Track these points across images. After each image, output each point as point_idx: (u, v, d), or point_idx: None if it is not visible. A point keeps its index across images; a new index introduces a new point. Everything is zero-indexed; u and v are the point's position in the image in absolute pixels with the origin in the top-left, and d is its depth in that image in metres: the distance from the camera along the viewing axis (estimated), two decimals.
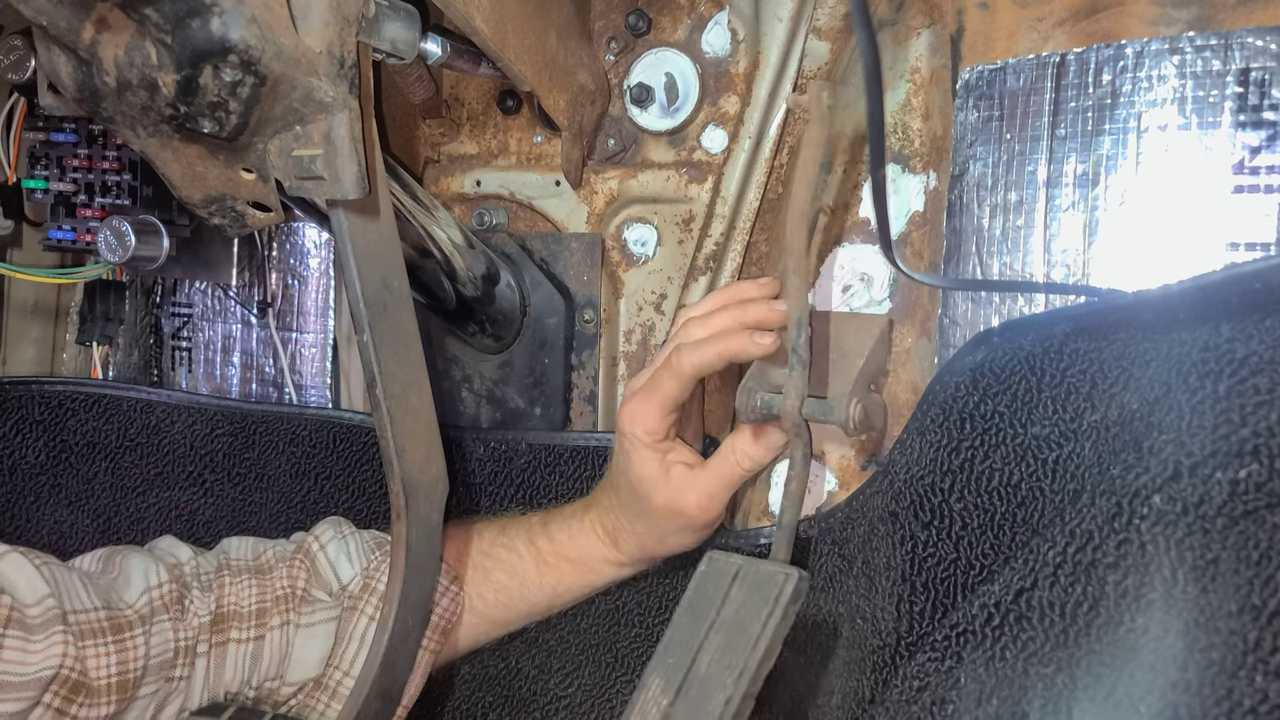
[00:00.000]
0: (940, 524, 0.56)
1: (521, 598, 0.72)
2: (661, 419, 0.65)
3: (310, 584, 0.70)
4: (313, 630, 0.69)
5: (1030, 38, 0.63)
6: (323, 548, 0.71)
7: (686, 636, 0.55)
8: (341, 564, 0.71)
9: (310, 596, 0.69)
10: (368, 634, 0.68)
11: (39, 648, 0.57)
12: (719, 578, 0.57)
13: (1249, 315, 0.45)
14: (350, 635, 0.68)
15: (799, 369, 0.60)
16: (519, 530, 0.72)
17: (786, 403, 0.60)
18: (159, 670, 0.63)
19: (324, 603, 0.70)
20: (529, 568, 0.71)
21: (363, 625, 0.68)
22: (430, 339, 0.85)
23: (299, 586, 0.70)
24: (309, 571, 0.70)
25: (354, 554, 0.71)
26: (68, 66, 0.48)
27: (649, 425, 0.65)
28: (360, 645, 0.68)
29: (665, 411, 0.65)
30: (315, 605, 0.69)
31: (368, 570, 0.70)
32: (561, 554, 0.70)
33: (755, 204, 0.79)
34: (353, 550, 0.71)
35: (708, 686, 0.53)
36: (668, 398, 0.64)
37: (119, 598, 0.63)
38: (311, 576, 0.70)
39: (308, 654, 0.69)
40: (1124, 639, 0.44)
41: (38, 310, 1.02)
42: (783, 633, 0.54)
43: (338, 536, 0.72)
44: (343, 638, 0.69)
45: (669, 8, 0.80)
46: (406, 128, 0.88)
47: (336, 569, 0.70)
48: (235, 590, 0.68)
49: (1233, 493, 0.42)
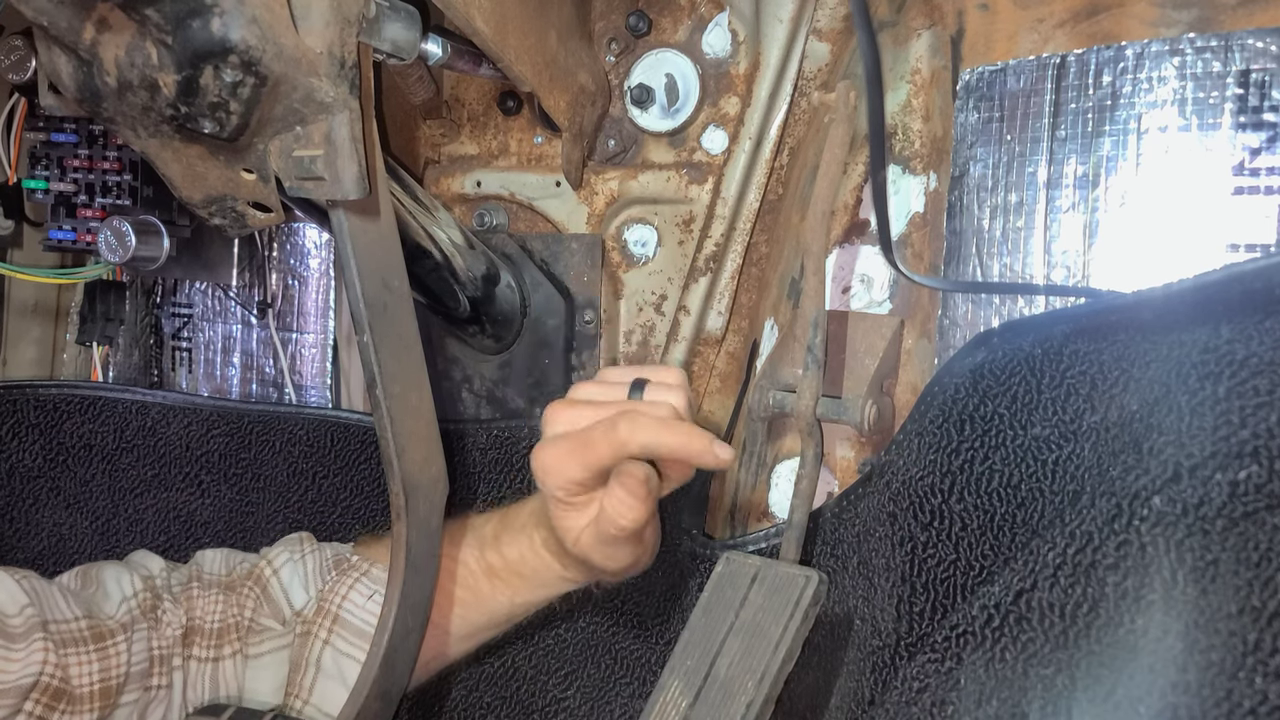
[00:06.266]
0: (940, 525, 0.56)
1: (478, 610, 0.69)
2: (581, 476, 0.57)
3: (258, 613, 0.68)
4: (261, 661, 0.67)
5: (1030, 39, 0.63)
6: (275, 572, 0.69)
7: (705, 638, 0.55)
8: (295, 589, 0.68)
9: (259, 626, 0.67)
10: (324, 659, 0.66)
11: (20, 656, 0.57)
12: (737, 579, 0.57)
13: (1249, 316, 0.45)
14: (307, 662, 0.66)
15: (814, 368, 0.60)
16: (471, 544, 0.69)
17: (801, 402, 0.60)
18: (139, 679, 0.63)
19: (273, 631, 0.67)
20: (481, 583, 0.68)
21: (318, 650, 0.66)
22: (430, 339, 0.85)
23: (246, 615, 0.68)
24: (257, 600, 0.68)
25: (309, 576, 0.69)
26: (68, 67, 0.48)
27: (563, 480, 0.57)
28: (318, 671, 0.66)
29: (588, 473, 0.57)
30: (264, 635, 0.67)
31: (322, 593, 0.68)
32: (513, 570, 0.67)
33: (755, 205, 0.79)
34: (309, 572, 0.69)
35: (728, 689, 0.53)
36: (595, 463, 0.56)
37: (99, 608, 0.63)
38: (260, 605, 0.68)
39: (260, 685, 0.67)
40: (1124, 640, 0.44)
41: (38, 310, 1.02)
42: (803, 636, 0.54)
43: (292, 559, 0.69)
44: (299, 664, 0.66)
45: (669, 9, 0.80)
46: (407, 128, 0.88)
47: (289, 594, 0.68)
48: (203, 604, 0.67)
49: (1232, 494, 0.42)
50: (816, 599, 0.54)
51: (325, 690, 0.66)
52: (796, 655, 0.53)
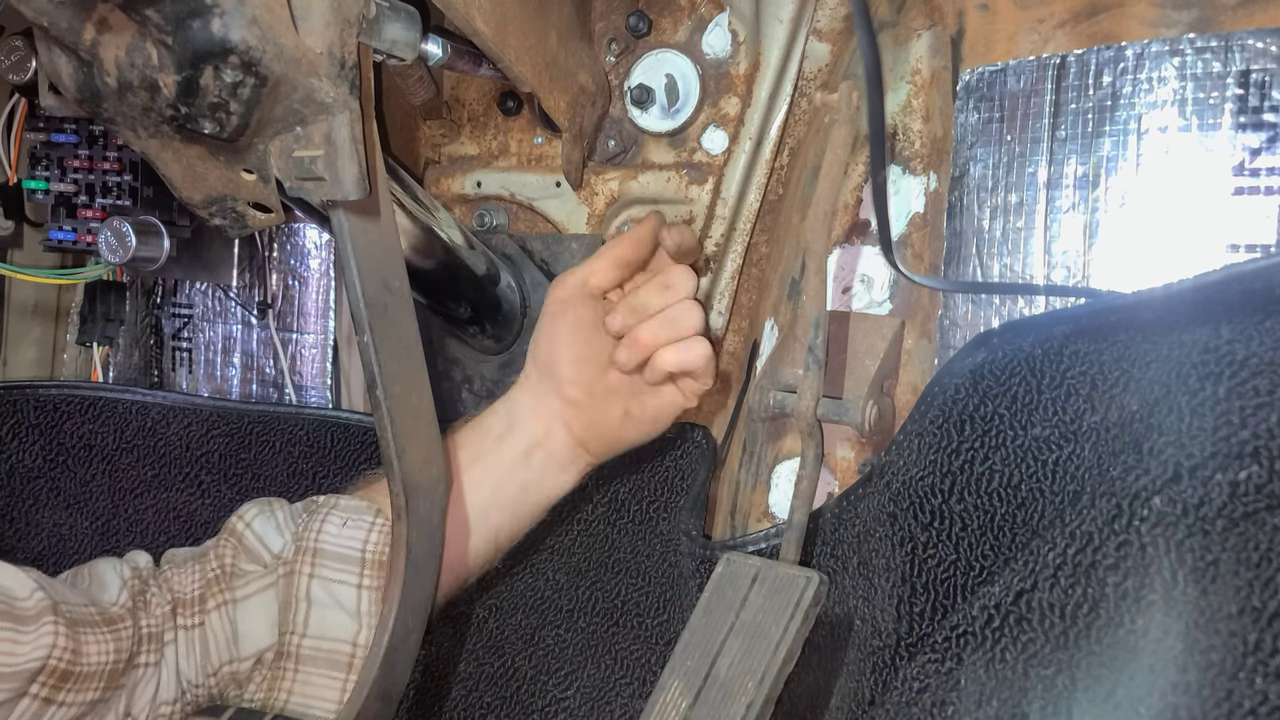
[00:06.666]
0: (940, 525, 0.56)
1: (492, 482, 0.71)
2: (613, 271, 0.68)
3: (238, 559, 0.68)
4: (249, 602, 0.67)
5: (1031, 39, 0.63)
6: (248, 525, 0.69)
7: (705, 639, 0.55)
8: (270, 536, 0.69)
9: (240, 570, 0.68)
10: (313, 591, 0.66)
11: (29, 639, 0.57)
12: (737, 580, 0.57)
13: (1249, 316, 0.45)
14: (296, 598, 0.66)
15: (815, 369, 0.60)
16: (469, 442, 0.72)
17: (801, 403, 0.60)
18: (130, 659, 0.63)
19: (255, 572, 0.68)
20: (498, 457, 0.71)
21: (305, 585, 0.66)
22: (430, 339, 0.85)
23: (226, 564, 0.68)
24: (235, 549, 0.69)
25: (282, 524, 0.69)
26: (69, 67, 0.48)
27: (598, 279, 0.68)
28: (309, 604, 0.66)
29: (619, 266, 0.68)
30: (247, 578, 0.68)
31: (297, 534, 0.68)
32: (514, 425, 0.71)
33: (755, 205, 0.79)
34: (281, 521, 0.70)
35: (729, 690, 0.53)
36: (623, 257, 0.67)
37: (99, 597, 0.64)
38: (238, 553, 0.68)
39: (252, 626, 0.67)
40: (1124, 640, 0.44)
41: (38, 311, 1.02)
42: (803, 637, 0.54)
43: (264, 513, 0.70)
44: (288, 601, 0.66)
45: (670, 9, 0.80)
46: (407, 129, 0.88)
47: (265, 541, 0.69)
48: (179, 578, 0.68)
49: (1233, 494, 0.42)
50: (817, 600, 0.54)
51: (323, 619, 0.66)
52: (797, 656, 0.53)
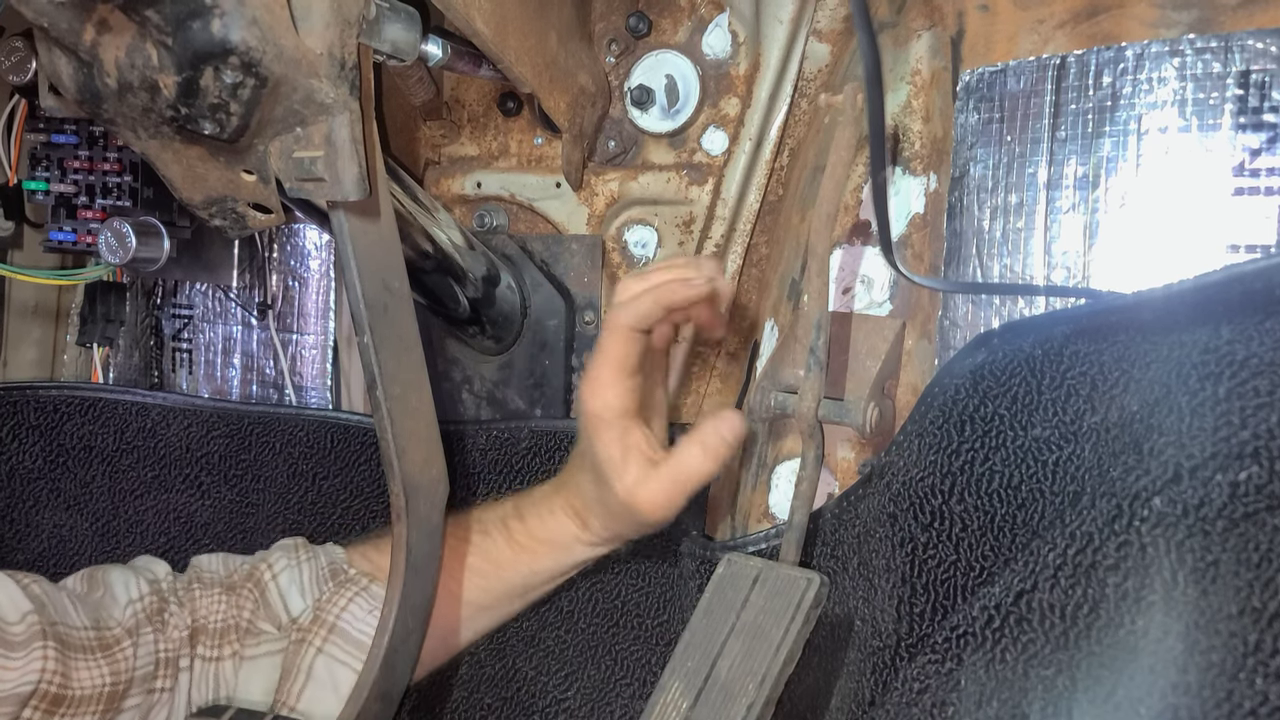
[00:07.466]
0: (940, 526, 0.56)
1: (497, 579, 0.71)
2: (616, 387, 0.62)
3: (256, 615, 0.69)
4: (256, 664, 0.68)
5: (1030, 40, 0.63)
6: (275, 577, 0.70)
7: (706, 639, 0.55)
8: (292, 596, 0.69)
9: (255, 629, 0.68)
10: (315, 666, 0.67)
11: (18, 664, 0.57)
12: (738, 581, 0.57)
13: (1249, 317, 0.45)
14: (298, 669, 0.67)
15: (816, 370, 0.60)
16: (492, 515, 0.72)
17: (802, 404, 0.60)
18: (143, 682, 0.63)
19: (269, 635, 0.68)
20: (502, 550, 0.70)
21: (310, 658, 0.67)
22: (430, 340, 0.85)
23: (245, 617, 0.68)
24: (256, 602, 0.69)
25: (307, 585, 0.70)
26: (69, 68, 0.48)
27: (606, 398, 0.62)
28: (308, 679, 0.66)
29: (619, 377, 0.62)
30: (260, 638, 0.68)
31: (319, 602, 0.69)
32: (534, 535, 0.69)
33: (755, 206, 0.79)
34: (306, 580, 0.70)
35: (729, 691, 0.53)
36: (614, 360, 0.62)
37: (107, 615, 0.63)
38: (259, 608, 0.69)
39: (251, 688, 0.67)
40: (1124, 641, 0.44)
41: (38, 312, 1.02)
42: (804, 638, 0.54)
43: (291, 565, 0.71)
44: (290, 670, 0.67)
45: (669, 10, 0.80)
46: (407, 129, 0.88)
47: (287, 600, 0.69)
48: (206, 603, 0.68)
49: (1233, 495, 0.42)
50: (817, 601, 0.54)
51: (314, 697, 0.66)
52: (797, 657, 0.53)
